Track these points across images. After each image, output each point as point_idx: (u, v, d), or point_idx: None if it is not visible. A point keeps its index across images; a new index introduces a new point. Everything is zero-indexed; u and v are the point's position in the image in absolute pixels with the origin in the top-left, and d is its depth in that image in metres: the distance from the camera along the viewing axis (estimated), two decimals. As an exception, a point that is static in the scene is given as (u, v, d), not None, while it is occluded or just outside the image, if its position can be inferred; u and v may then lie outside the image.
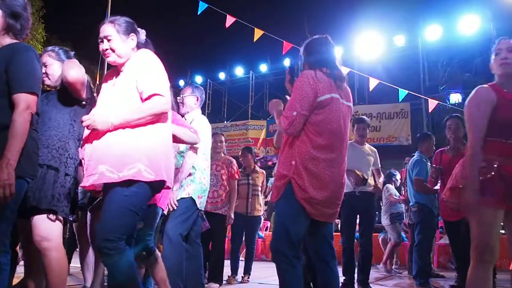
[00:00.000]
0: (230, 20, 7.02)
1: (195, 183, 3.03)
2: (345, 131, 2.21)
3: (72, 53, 2.50)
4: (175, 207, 2.91)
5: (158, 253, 2.73)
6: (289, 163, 2.11)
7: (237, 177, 4.43)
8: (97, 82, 7.48)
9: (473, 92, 2.14)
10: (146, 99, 1.86)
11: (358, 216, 4.15)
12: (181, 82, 18.86)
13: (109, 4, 8.46)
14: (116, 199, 1.80)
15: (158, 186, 1.91)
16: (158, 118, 1.91)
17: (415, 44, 12.37)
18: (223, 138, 4.48)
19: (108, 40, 1.96)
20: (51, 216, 2.12)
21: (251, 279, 4.75)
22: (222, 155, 4.38)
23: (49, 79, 2.36)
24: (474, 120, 2.09)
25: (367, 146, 4.25)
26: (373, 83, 8.71)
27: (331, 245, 2.27)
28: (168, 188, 2.03)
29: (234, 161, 4.47)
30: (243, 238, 5.14)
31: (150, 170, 1.82)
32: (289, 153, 2.14)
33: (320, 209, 2.09)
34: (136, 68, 1.94)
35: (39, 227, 2.10)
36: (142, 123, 1.85)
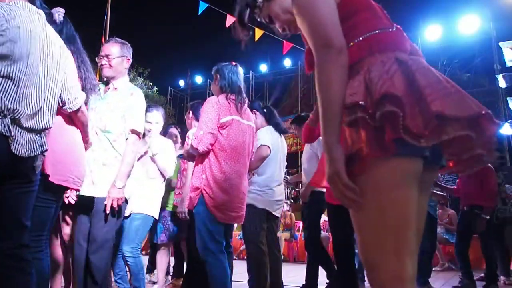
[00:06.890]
0: (230, 20, 7.01)
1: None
2: (247, 146, 2.60)
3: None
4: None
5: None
6: (200, 176, 2.45)
7: None
8: (97, 79, 7.44)
9: None
10: None
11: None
12: (181, 82, 18.85)
13: (109, 4, 8.46)
14: None
15: None
16: None
17: (415, 44, 12.37)
18: (191, 114, 3.39)
19: None
20: None
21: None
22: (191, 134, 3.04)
23: None
24: None
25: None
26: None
27: (229, 243, 2.67)
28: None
29: None
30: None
31: None
32: (200, 168, 2.49)
33: (227, 213, 2.45)
34: None
35: None
36: None
